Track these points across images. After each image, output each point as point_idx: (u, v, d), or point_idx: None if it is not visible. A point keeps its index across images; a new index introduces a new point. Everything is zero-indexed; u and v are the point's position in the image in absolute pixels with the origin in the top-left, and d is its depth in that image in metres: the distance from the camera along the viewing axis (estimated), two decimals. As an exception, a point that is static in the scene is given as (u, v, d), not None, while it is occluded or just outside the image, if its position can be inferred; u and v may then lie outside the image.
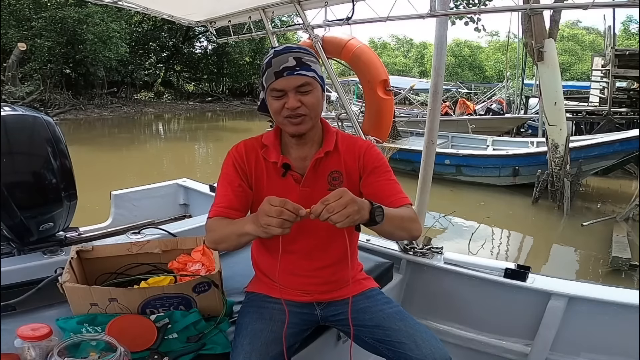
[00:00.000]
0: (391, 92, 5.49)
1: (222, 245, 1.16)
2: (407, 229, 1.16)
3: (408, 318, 1.23)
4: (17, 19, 15.39)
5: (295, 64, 1.12)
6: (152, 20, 21.78)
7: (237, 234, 1.09)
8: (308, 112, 1.15)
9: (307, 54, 1.17)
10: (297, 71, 1.12)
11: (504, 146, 8.91)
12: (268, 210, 0.96)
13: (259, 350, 1.15)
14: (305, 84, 1.13)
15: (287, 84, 1.13)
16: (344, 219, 0.96)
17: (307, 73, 1.13)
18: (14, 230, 1.67)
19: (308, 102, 1.14)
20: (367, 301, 1.30)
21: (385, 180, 1.23)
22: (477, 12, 1.58)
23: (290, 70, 1.12)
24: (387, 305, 1.29)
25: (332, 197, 0.97)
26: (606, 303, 1.56)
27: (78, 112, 16.95)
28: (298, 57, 1.13)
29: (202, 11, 2.17)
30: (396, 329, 1.19)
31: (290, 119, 1.16)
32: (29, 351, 0.97)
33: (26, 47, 14.08)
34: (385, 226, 1.07)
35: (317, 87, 1.16)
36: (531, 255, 5.31)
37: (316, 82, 1.16)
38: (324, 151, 1.23)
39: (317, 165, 1.24)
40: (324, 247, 1.28)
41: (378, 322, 1.22)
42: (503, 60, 24.72)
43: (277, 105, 1.15)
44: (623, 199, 6.77)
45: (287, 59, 1.13)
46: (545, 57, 6.34)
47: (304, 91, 1.14)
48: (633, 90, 11.77)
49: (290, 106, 1.13)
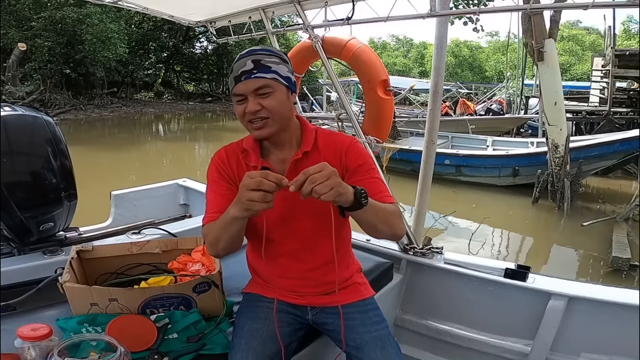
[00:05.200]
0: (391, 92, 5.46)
1: (220, 245, 1.12)
2: (390, 224, 1.13)
3: (389, 347, 1.20)
4: (17, 19, 15.39)
5: (253, 67, 1.11)
6: (152, 20, 21.77)
7: (224, 224, 1.07)
8: (269, 114, 1.12)
9: (270, 54, 1.14)
10: (255, 74, 1.10)
11: (504, 146, 8.90)
12: (248, 184, 0.94)
13: (256, 350, 1.15)
14: (264, 86, 1.11)
15: (245, 88, 1.11)
16: (328, 190, 0.92)
17: (265, 75, 1.11)
18: (14, 230, 1.67)
19: (268, 104, 1.11)
20: (357, 316, 1.26)
21: (369, 179, 1.18)
22: (477, 12, 1.58)
23: (247, 74, 1.11)
24: (375, 326, 1.25)
25: (314, 169, 0.94)
26: (606, 303, 1.56)
27: (78, 112, 16.95)
28: (257, 60, 1.12)
29: (202, 11, 2.17)
30: (373, 357, 1.16)
31: (251, 123, 1.14)
32: (29, 351, 0.97)
33: (26, 47, 14.08)
34: (369, 215, 1.05)
35: (279, 89, 1.13)
36: (531, 255, 5.31)
37: (278, 83, 1.13)
38: (302, 152, 1.20)
39: (296, 166, 1.19)
40: (311, 248, 1.25)
41: (360, 344, 1.20)
42: (503, 60, 24.73)
43: (240, 110, 1.14)
44: (623, 199, 6.77)
45: (245, 63, 1.11)
46: (545, 57, 6.34)
47: (263, 94, 1.11)
48: (633, 90, 11.77)
49: (249, 110, 1.11)
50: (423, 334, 1.93)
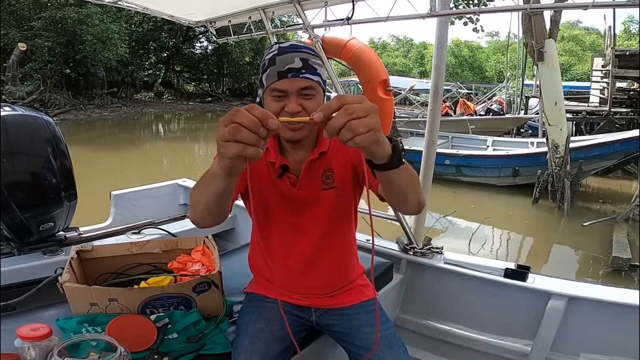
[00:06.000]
0: (391, 93, 5.47)
1: (198, 209, 0.98)
2: (418, 190, 0.97)
3: (396, 346, 1.21)
4: (17, 19, 15.39)
5: (302, 65, 1.05)
6: (152, 20, 21.79)
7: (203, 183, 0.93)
8: None
9: (314, 55, 1.10)
10: (303, 74, 1.05)
11: (504, 146, 8.92)
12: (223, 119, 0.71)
13: (260, 350, 1.15)
14: (309, 88, 1.06)
15: (290, 85, 1.04)
16: (366, 130, 0.70)
17: (312, 77, 1.06)
18: (14, 230, 1.67)
19: (310, 107, 1.05)
20: (362, 317, 1.26)
21: None
22: (477, 12, 1.58)
23: (295, 72, 1.05)
24: (381, 326, 1.23)
25: (351, 98, 0.73)
26: (606, 303, 1.56)
27: (78, 112, 16.94)
28: (305, 59, 1.06)
29: (202, 11, 2.17)
30: (382, 357, 1.16)
31: (287, 123, 1.07)
32: (29, 351, 0.97)
33: (26, 47, 14.07)
34: (403, 177, 0.88)
35: (320, 92, 1.10)
36: (531, 255, 5.30)
37: (320, 87, 1.10)
38: (318, 152, 1.17)
39: (312, 166, 1.18)
40: (319, 249, 1.24)
41: (366, 344, 1.20)
42: (503, 60, 24.75)
43: (276, 107, 1.05)
44: (623, 199, 6.77)
45: (294, 59, 1.05)
46: (545, 58, 6.34)
47: (307, 95, 1.06)
48: (633, 90, 11.76)
49: (291, 110, 1.04)
50: (423, 334, 1.93)
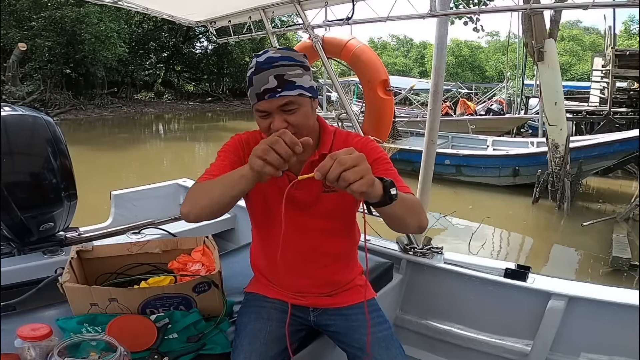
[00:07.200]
0: (391, 92, 5.47)
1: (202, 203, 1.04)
2: (417, 214, 1.05)
3: (393, 347, 1.21)
4: (17, 19, 15.38)
5: (277, 84, 1.04)
6: (152, 20, 21.77)
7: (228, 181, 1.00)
8: (296, 129, 1.06)
9: (292, 65, 1.07)
10: (280, 93, 1.04)
11: (504, 146, 8.91)
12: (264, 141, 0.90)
13: (259, 350, 1.16)
14: (290, 103, 1.06)
15: (270, 105, 1.06)
16: (359, 177, 0.81)
17: (290, 93, 1.05)
18: (14, 230, 1.67)
19: (294, 121, 1.07)
20: (360, 317, 1.25)
21: (386, 171, 1.14)
22: (477, 12, 1.58)
23: (272, 92, 1.04)
24: (379, 327, 1.25)
25: (343, 152, 0.85)
26: (606, 303, 1.57)
27: (78, 112, 16.94)
28: (280, 75, 1.05)
29: (202, 11, 2.17)
30: (378, 358, 1.17)
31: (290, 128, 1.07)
32: (29, 351, 0.97)
33: (26, 47, 14.07)
34: (398, 208, 0.96)
35: (304, 103, 1.09)
36: (531, 255, 5.30)
37: (303, 97, 1.08)
38: (319, 153, 1.17)
39: (312, 167, 1.14)
40: (320, 249, 1.24)
41: (364, 345, 1.20)
42: (503, 60, 24.72)
43: (264, 125, 1.09)
44: (623, 199, 6.77)
45: (268, 79, 1.04)
46: (545, 57, 6.34)
47: (289, 110, 1.06)
48: (633, 90, 11.76)
49: (276, 128, 1.05)
50: (423, 334, 1.93)
